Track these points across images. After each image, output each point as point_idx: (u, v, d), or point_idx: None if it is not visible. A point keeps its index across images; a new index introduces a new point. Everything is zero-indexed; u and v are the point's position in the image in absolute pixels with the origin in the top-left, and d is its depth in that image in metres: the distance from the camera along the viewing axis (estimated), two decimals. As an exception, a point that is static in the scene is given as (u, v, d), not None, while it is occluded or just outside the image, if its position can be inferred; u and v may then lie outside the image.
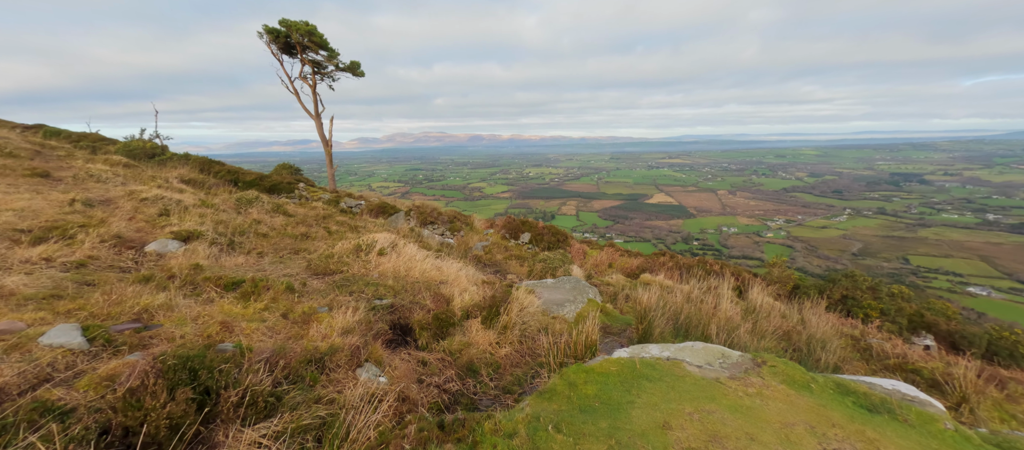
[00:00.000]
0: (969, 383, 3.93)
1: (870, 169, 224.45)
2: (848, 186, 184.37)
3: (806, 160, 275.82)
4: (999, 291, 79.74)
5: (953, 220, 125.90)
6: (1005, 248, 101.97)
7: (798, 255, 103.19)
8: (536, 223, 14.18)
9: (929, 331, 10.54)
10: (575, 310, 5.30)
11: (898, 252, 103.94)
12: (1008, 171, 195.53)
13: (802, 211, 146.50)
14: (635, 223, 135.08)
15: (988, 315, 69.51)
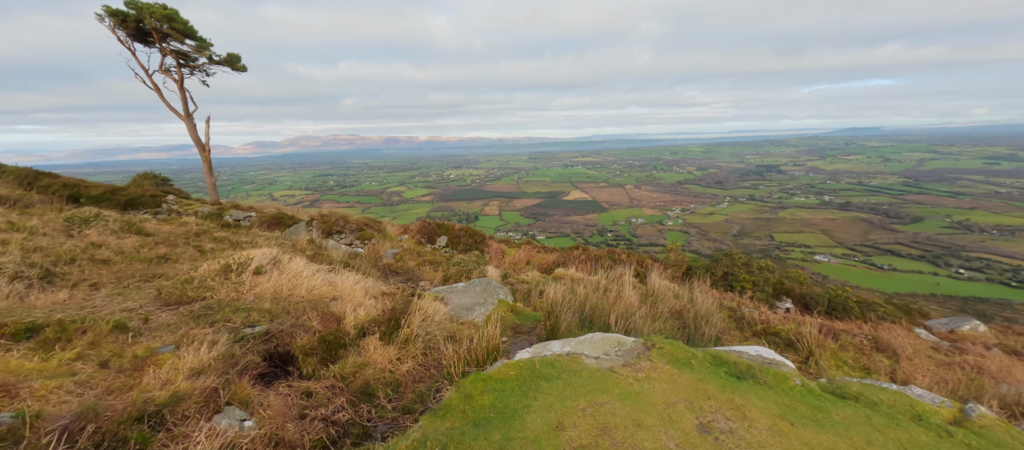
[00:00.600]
0: (813, 339, 4.71)
1: (741, 163, 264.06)
2: (726, 178, 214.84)
3: (694, 156, 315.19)
4: (836, 257, 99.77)
5: (802, 202, 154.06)
6: (838, 222, 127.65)
7: (693, 239, 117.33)
8: (453, 225, 13.86)
9: (788, 296, 12.61)
10: (485, 313, 5.16)
11: (766, 231, 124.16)
12: (836, 161, 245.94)
13: (694, 201, 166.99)
14: (555, 219, 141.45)
15: (830, 277, 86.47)
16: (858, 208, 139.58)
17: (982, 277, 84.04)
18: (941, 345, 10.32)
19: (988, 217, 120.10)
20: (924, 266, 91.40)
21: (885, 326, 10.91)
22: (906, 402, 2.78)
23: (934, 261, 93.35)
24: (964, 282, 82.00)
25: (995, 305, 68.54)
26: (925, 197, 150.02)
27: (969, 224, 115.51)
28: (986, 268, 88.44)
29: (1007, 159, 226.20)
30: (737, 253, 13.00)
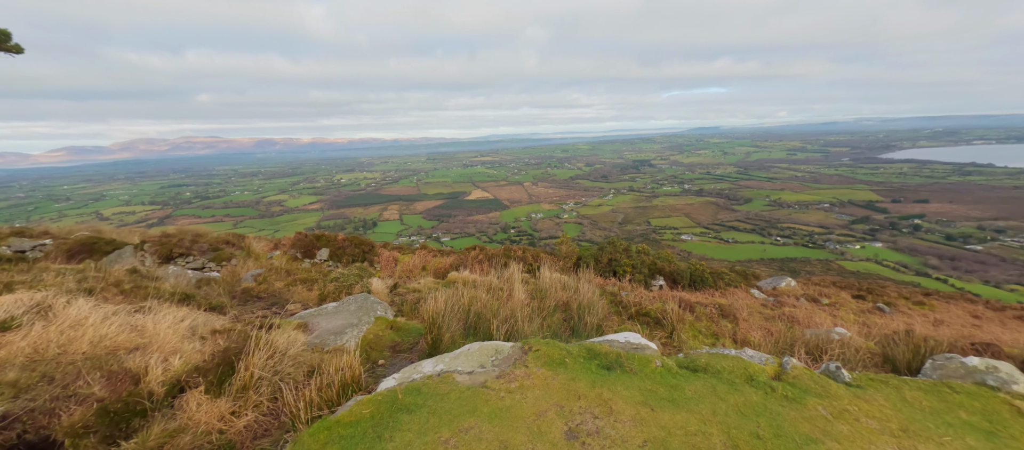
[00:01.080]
0: (675, 315, 5.25)
1: (621, 158, 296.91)
2: (610, 172, 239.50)
3: (582, 153, 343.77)
4: (696, 235, 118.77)
5: (669, 191, 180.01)
6: (695, 206, 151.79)
7: (586, 229, 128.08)
8: (335, 236, 12.44)
9: (660, 274, 14.31)
10: (358, 335, 4.54)
11: (644, 218, 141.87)
12: (691, 155, 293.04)
13: (585, 194, 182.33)
14: (458, 220, 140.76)
15: (693, 252, 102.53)
16: (709, 194, 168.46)
17: (792, 242, 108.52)
18: (768, 301, 12.75)
19: (792, 195, 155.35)
20: (755, 237, 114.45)
21: (731, 291, 13.07)
22: (742, 366, 3.13)
23: (761, 232, 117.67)
24: (781, 247, 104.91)
25: (801, 263, 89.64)
26: (752, 182, 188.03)
27: (780, 202, 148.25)
28: (793, 235, 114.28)
29: (801, 150, 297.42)
30: (619, 240, 14.27)
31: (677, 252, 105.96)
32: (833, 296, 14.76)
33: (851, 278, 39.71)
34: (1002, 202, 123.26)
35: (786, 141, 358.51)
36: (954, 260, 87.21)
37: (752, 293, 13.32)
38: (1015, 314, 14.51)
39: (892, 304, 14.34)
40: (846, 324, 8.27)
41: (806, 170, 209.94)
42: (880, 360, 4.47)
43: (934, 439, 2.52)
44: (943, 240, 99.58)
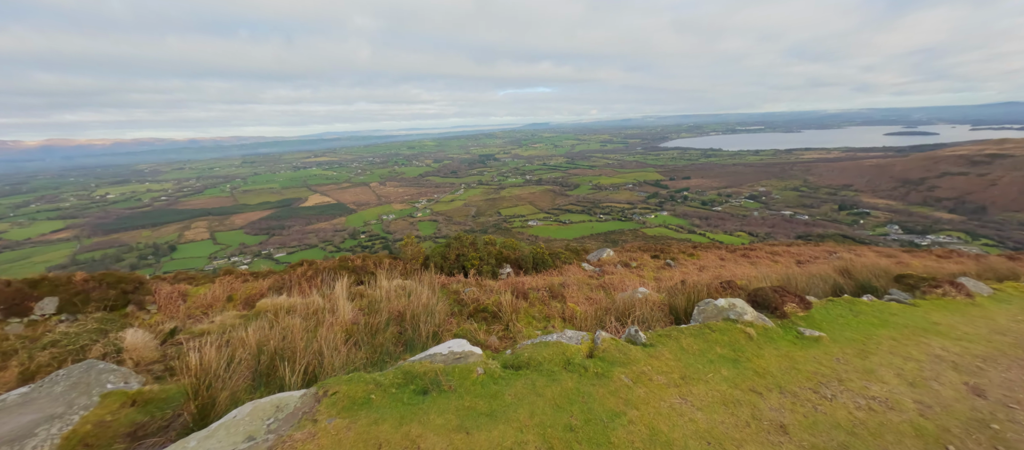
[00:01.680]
0: (509, 307, 5.31)
1: (467, 153, 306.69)
2: (458, 167, 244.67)
3: (429, 150, 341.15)
4: (540, 220, 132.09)
5: (514, 182, 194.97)
6: (537, 194, 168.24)
7: (442, 225, 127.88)
8: (69, 277, 8.67)
9: (507, 263, 14.99)
10: (60, 433, 2.96)
11: (494, 209, 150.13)
12: (529, 148, 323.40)
13: (436, 191, 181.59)
14: (296, 231, 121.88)
15: (540, 236, 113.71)
16: (547, 182, 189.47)
17: (611, 218, 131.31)
18: (595, 272, 14.72)
19: (607, 179, 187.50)
20: (585, 217, 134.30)
21: (566, 268, 14.56)
22: (560, 351, 3.15)
23: (589, 212, 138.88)
24: (604, 222, 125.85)
25: (618, 234, 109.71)
26: (578, 170, 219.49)
27: (600, 185, 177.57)
28: (611, 211, 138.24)
29: (610, 142, 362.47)
30: (465, 234, 14.28)
31: (526, 237, 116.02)
32: (639, 259, 18.12)
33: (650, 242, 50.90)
34: (729, 175, 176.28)
35: (599, 135, 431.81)
36: (708, 219, 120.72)
37: (583, 266, 15.16)
38: (741, 253, 20.55)
39: (675, 259, 18.43)
40: (647, 282, 10.06)
41: (615, 158, 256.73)
42: (668, 311, 5.40)
43: (702, 379, 2.97)
44: (701, 205, 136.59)
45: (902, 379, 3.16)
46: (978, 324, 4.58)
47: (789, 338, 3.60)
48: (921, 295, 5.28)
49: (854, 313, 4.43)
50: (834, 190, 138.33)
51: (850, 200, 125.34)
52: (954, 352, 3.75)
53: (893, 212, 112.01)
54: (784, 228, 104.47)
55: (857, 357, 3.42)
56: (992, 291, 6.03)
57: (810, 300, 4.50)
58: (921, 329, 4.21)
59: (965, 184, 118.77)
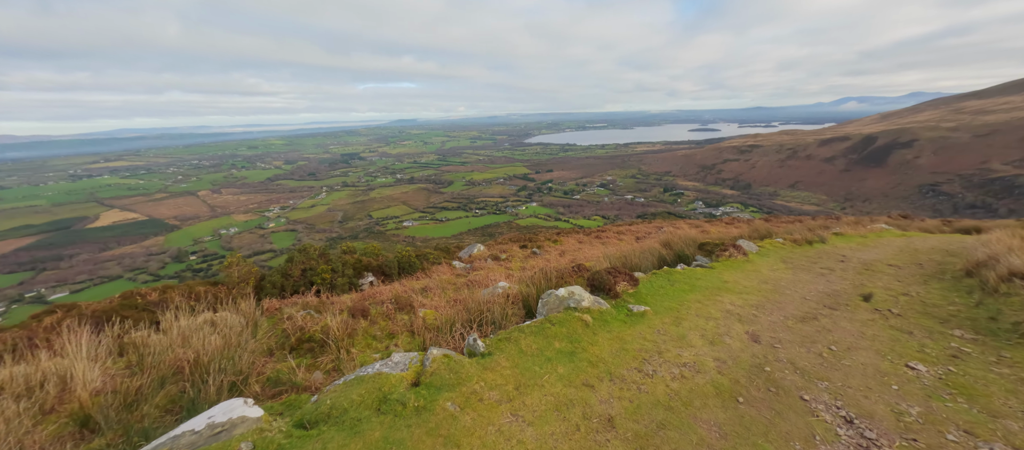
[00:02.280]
0: (340, 330, 4.45)
1: (327, 153, 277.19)
2: (317, 168, 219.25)
3: (277, 150, 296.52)
4: (415, 220, 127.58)
5: (384, 182, 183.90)
6: (410, 193, 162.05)
7: (303, 235, 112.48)
8: None
9: (369, 271, 13.54)
10: None
11: (364, 212, 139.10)
12: (398, 146, 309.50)
13: (292, 196, 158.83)
14: (84, 261, 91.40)
15: (417, 237, 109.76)
16: (420, 181, 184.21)
17: (486, 212, 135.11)
18: (465, 269, 14.45)
19: (480, 175, 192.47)
20: (461, 213, 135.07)
21: (435, 269, 13.89)
22: (375, 388, 2.55)
23: (465, 208, 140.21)
24: (480, 217, 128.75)
25: (494, 227, 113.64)
26: (451, 167, 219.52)
27: (473, 181, 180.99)
28: (486, 206, 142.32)
29: (479, 139, 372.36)
30: (311, 245, 12.29)
31: (402, 239, 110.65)
32: (509, 250, 18.64)
33: (522, 232, 54.03)
34: (584, 167, 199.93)
35: (468, 131, 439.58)
36: (570, 207, 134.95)
37: (454, 264, 14.71)
38: (594, 235, 23.11)
39: (541, 247, 19.55)
40: (512, 274, 10.17)
41: (485, 154, 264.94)
42: (521, 304, 5.31)
43: (538, 384, 2.75)
44: (563, 195, 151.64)
45: (705, 339, 3.52)
46: (751, 277, 5.68)
47: (620, 318, 3.76)
48: (716, 258, 6.38)
49: (671, 282, 5.00)
50: (660, 176, 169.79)
51: (671, 183, 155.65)
52: (738, 305, 4.47)
53: (698, 191, 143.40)
54: (628, 210, 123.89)
55: (673, 324, 3.75)
56: (757, 248, 7.71)
57: (638, 276, 4.92)
58: (717, 288, 4.96)
59: (737, 168, 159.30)
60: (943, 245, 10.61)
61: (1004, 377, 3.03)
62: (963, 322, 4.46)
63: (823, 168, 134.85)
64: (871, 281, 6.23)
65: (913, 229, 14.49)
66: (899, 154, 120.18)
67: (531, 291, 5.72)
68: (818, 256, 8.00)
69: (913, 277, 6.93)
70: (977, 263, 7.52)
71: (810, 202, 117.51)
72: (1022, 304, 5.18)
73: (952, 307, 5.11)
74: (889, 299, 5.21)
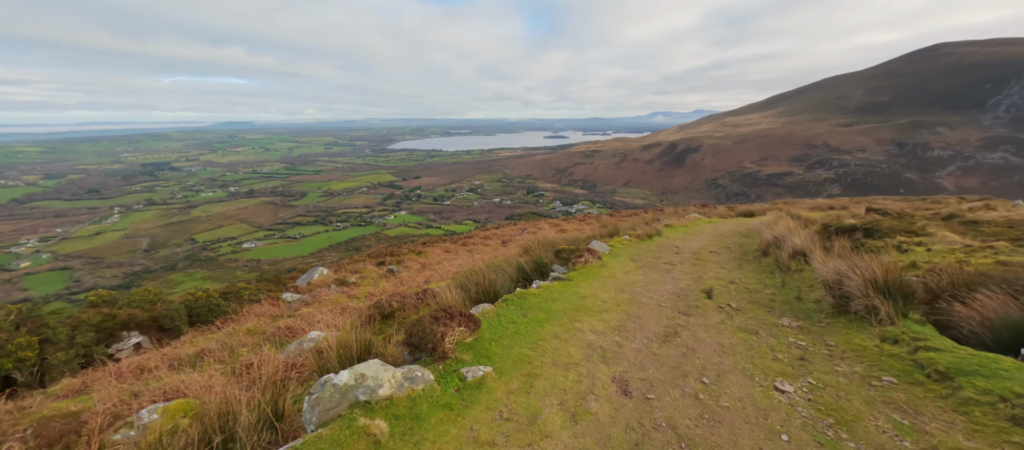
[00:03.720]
0: None
1: (119, 162, 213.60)
2: (104, 183, 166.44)
3: (32, 160, 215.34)
4: (260, 240, 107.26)
5: (211, 197, 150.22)
6: (250, 209, 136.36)
7: (83, 274, 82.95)
8: None
9: (137, 328, 9.51)
10: None
11: (184, 235, 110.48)
12: (228, 153, 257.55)
13: (61, 221, 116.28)
14: None
15: (264, 259, 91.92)
16: (261, 194, 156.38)
17: (349, 224, 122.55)
18: (297, 303, 11.53)
19: (339, 184, 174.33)
20: (319, 227, 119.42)
21: (251, 309, 10.64)
22: None
23: (323, 221, 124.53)
24: (343, 231, 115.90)
25: (360, 240, 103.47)
26: (302, 176, 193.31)
27: (331, 191, 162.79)
28: (349, 218, 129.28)
29: (335, 145, 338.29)
30: (10, 305, 7.84)
31: (243, 263, 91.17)
32: (362, 270, 16.02)
33: (391, 243, 49.67)
34: (452, 173, 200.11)
35: (321, 137, 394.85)
36: (441, 213, 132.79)
37: (283, 298, 11.62)
38: (461, 242, 22.07)
39: (401, 261, 17.45)
40: (345, 308, 8.14)
41: (343, 161, 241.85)
42: (319, 374, 3.66)
43: None
44: (433, 201, 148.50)
45: (565, 412, 2.54)
46: (608, 285, 5.20)
47: (445, 401, 2.49)
48: (573, 266, 5.82)
49: (524, 312, 4.05)
50: (522, 179, 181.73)
51: (532, 186, 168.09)
52: (599, 331, 3.74)
53: (555, 191, 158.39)
54: (497, 212, 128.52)
55: (523, 392, 2.69)
56: (609, 248, 7.61)
57: (482, 311, 3.82)
58: (575, 310, 4.21)
59: (585, 170, 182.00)
60: (737, 228, 12.85)
61: (853, 381, 2.82)
62: (782, 306, 4.65)
63: (646, 169, 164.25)
64: (704, 272, 6.52)
65: (714, 216, 17.59)
66: (692, 157, 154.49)
67: (350, 342, 4.07)
68: (659, 250, 8.36)
69: (730, 262, 7.67)
70: (768, 244, 8.94)
71: (639, 197, 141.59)
72: (810, 280, 5.92)
73: (768, 291, 5.49)
74: (724, 291, 5.30)
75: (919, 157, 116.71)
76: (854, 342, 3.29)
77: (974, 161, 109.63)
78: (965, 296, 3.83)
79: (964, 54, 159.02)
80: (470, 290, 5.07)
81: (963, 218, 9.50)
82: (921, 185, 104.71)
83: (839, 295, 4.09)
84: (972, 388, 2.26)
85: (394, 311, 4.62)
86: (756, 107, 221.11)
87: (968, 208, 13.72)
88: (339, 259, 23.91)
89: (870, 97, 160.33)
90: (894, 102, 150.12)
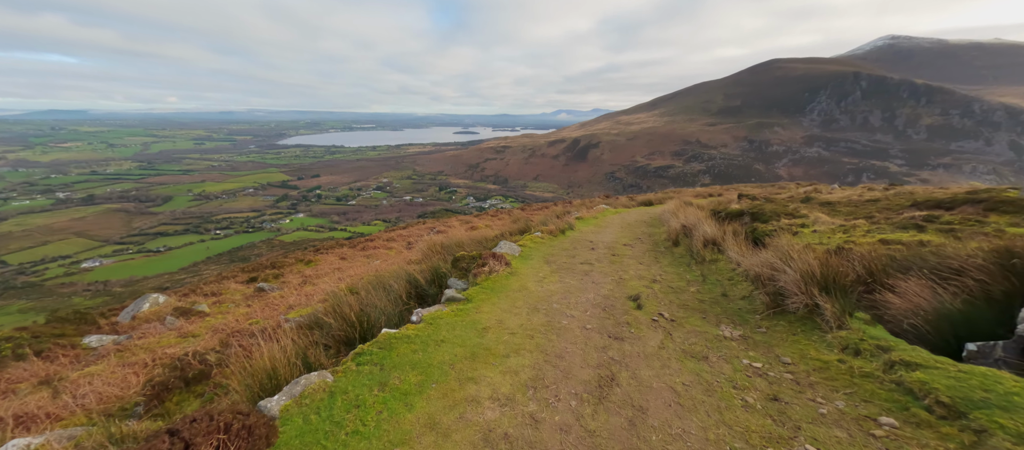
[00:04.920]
0: None
1: None
2: None
3: None
4: (107, 257, 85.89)
5: (30, 205, 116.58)
6: (90, 219, 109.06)
7: None
8: None
9: None
10: None
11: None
12: (53, 150, 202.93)
13: None
14: None
15: (112, 280, 73.35)
16: (106, 199, 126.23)
17: (233, 232, 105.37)
18: (114, 343, 8.46)
19: (216, 186, 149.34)
20: (192, 237, 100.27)
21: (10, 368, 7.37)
22: None
23: (197, 230, 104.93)
24: (224, 240, 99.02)
25: (248, 249, 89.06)
26: (165, 178, 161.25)
27: (206, 194, 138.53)
28: (232, 224, 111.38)
29: (209, 139, 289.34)
30: None
31: (84, 287, 71.68)
32: (223, 291, 12.80)
33: (281, 251, 42.93)
34: (356, 170, 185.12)
35: (190, 130, 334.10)
36: (346, 214, 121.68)
37: (84, 342, 8.41)
38: (361, 247, 19.48)
39: (281, 275, 14.48)
40: (162, 355, 5.84)
41: (221, 159, 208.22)
42: None
43: None
44: (336, 202, 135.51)
45: None
46: (519, 304, 4.13)
47: None
48: (473, 279, 4.63)
49: (383, 379, 2.64)
50: (434, 176, 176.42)
51: (445, 182, 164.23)
52: (504, 397, 2.57)
53: (468, 187, 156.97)
54: (408, 211, 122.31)
55: None
56: (519, 250, 6.62)
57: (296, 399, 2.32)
58: (470, 359, 2.99)
59: (496, 165, 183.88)
60: (641, 217, 13.05)
61: (850, 431, 2.08)
62: (713, 309, 4.09)
63: (553, 164, 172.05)
64: (624, 270, 5.89)
65: (619, 206, 18.07)
66: (593, 152, 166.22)
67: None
68: (574, 246, 7.65)
69: (646, 255, 7.25)
70: (677, 233, 8.80)
71: (548, 190, 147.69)
72: (728, 271, 5.54)
73: (693, 289, 4.98)
74: (651, 295, 4.63)
75: (764, 151, 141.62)
76: (811, 355, 2.71)
77: (800, 155, 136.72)
78: (892, 285, 3.46)
79: (789, 69, 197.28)
80: (331, 327, 3.55)
81: (819, 199, 10.43)
82: (766, 174, 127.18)
83: (773, 293, 3.56)
84: (1001, 431, 1.66)
85: (190, 378, 2.91)
86: (644, 107, 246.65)
87: (805, 191, 15.99)
88: (220, 272, 19.39)
89: (728, 102, 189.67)
90: (744, 106, 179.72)
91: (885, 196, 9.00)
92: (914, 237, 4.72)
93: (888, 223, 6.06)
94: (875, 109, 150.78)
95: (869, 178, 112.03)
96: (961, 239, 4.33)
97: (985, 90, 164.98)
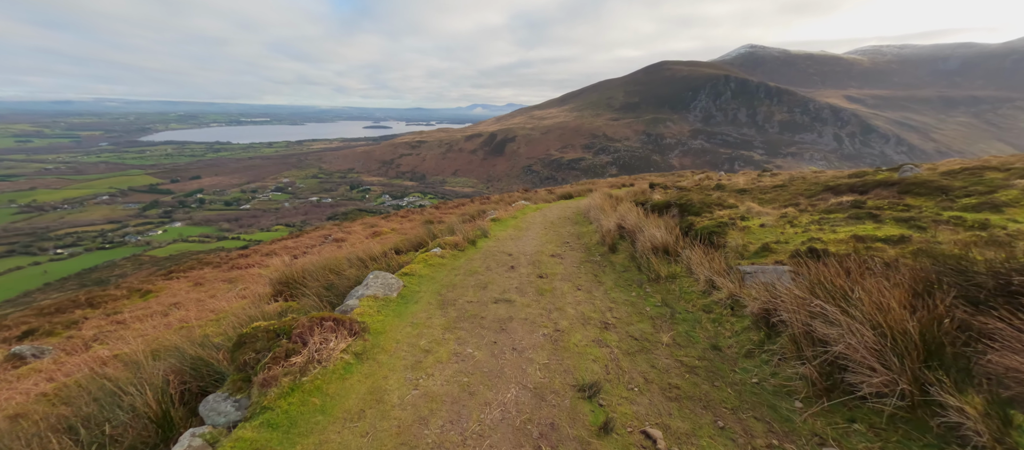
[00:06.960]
0: None
1: None
2: None
3: None
4: None
5: None
6: None
7: None
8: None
9: None
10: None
11: None
12: None
13: None
14: None
15: None
16: None
17: (82, 250, 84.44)
18: None
19: (53, 194, 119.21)
20: (20, 259, 78.21)
21: None
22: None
23: (27, 250, 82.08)
24: (68, 260, 78.81)
25: (106, 268, 71.59)
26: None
27: (38, 205, 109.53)
28: (80, 241, 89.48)
29: (39, 136, 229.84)
30: None
31: None
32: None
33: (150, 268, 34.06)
34: (248, 170, 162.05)
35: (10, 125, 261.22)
36: (239, 220, 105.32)
37: None
38: (230, 265, 15.74)
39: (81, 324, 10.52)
40: None
41: (60, 160, 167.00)
42: None
43: None
44: (225, 206, 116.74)
45: None
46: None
47: None
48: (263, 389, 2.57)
49: None
50: (344, 174, 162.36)
51: (356, 180, 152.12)
52: None
53: (384, 185, 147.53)
54: (316, 212, 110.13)
55: None
56: (401, 285, 4.84)
57: None
58: None
59: (412, 161, 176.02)
60: (564, 213, 12.12)
61: None
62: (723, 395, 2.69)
63: (471, 158, 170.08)
64: (557, 309, 4.39)
65: (539, 201, 17.20)
66: (510, 146, 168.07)
67: None
68: (486, 265, 6.15)
69: (583, 273, 5.83)
70: (612, 235, 7.53)
71: (467, 185, 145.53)
72: (695, 293, 4.49)
73: (665, 337, 3.57)
74: (610, 371, 3.16)
75: (659, 144, 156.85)
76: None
77: (688, 146, 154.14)
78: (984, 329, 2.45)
79: (676, 70, 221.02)
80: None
81: (731, 187, 10.26)
82: (663, 164, 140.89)
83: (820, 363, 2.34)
84: None
85: None
86: (555, 103, 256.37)
87: (698, 179, 16.79)
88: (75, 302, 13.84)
89: (628, 98, 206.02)
90: (642, 103, 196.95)
91: (790, 180, 9.07)
92: (876, 230, 4.08)
93: (818, 211, 5.60)
94: (742, 107, 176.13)
95: (741, 166, 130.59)
96: (926, 230, 3.71)
97: (816, 92, 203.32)
